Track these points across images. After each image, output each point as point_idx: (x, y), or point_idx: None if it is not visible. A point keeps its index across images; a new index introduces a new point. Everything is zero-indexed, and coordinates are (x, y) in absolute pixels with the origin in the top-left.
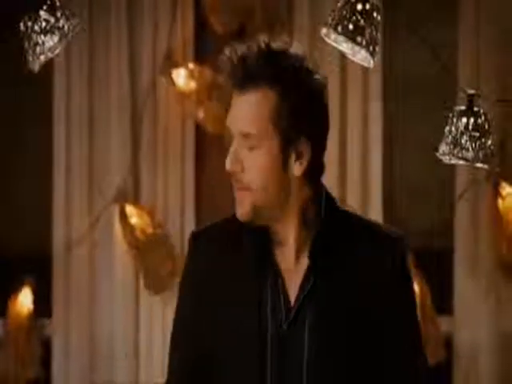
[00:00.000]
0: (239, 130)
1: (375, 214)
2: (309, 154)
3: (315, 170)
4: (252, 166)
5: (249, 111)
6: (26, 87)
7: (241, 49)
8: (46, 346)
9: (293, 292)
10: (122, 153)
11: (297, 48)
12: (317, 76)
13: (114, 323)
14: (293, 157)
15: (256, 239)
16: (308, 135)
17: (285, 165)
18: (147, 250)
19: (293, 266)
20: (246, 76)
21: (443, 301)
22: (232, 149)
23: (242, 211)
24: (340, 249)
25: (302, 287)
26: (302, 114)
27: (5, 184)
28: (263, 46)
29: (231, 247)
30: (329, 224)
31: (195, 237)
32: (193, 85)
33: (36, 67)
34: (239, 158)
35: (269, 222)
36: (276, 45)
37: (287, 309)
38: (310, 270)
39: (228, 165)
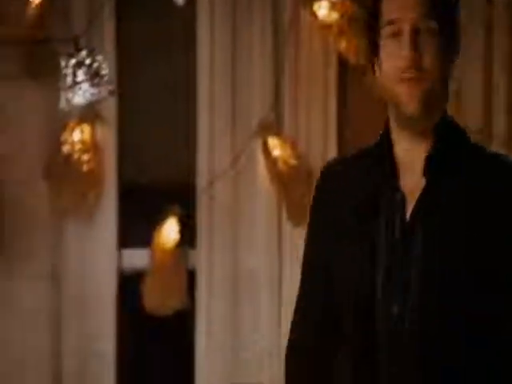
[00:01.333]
0: (418, 13)
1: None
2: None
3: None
4: (431, 51)
5: None
6: (171, 22)
7: None
8: (191, 277)
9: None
10: (265, 85)
11: None
12: None
13: (256, 255)
14: (454, 57)
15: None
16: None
17: (450, 61)
18: (290, 182)
19: (417, 184)
20: None
21: None
22: (411, 37)
23: (415, 103)
24: (462, 171)
25: (417, 203)
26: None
27: (150, 118)
28: None
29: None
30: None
31: (322, 172)
32: (334, 16)
33: (181, 1)
34: (418, 43)
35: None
36: None
37: (402, 223)
38: (425, 186)
39: (407, 51)
